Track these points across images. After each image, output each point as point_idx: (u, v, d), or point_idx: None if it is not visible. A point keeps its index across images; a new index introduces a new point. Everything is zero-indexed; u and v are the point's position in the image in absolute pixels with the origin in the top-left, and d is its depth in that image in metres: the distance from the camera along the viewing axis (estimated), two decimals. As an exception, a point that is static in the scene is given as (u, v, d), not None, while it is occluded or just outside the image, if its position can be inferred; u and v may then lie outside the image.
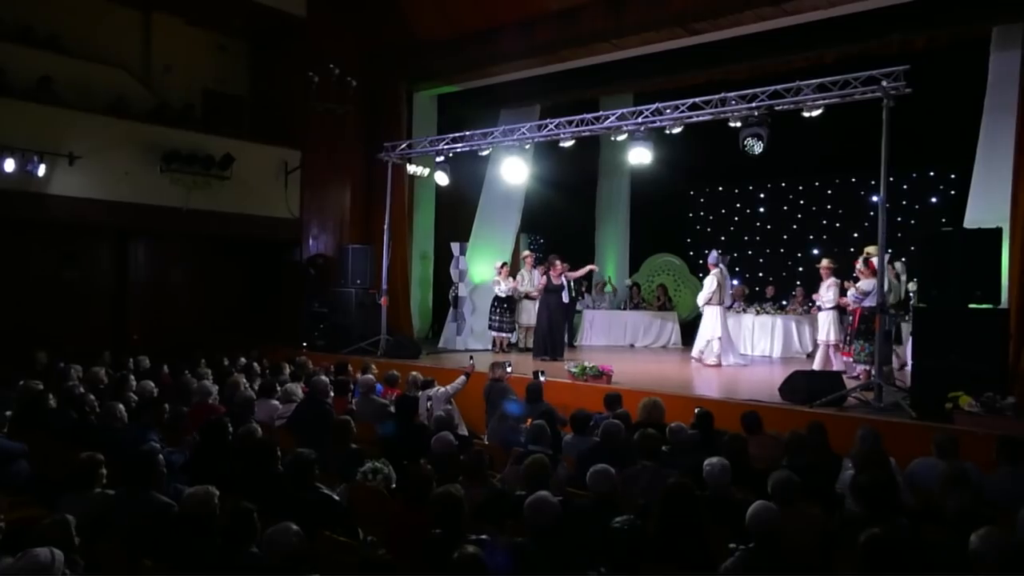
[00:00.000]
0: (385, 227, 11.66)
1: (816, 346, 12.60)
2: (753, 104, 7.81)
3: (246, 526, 3.47)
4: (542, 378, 8.06)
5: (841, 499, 4.91)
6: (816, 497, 4.73)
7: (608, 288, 15.23)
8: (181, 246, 13.10)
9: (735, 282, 14.83)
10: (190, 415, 6.75)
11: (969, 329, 6.48)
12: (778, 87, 7.79)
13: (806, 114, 7.87)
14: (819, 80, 7.53)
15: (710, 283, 11.04)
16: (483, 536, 3.52)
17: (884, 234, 7.40)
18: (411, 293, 13.94)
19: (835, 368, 9.37)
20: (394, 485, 5.35)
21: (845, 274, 14.10)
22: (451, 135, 10.87)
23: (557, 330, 11.25)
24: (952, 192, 13.71)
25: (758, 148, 7.82)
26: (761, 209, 16.03)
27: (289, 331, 12.52)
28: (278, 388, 7.74)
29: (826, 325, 9.85)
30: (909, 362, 8.08)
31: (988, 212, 9.08)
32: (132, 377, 7.69)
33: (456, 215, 14.89)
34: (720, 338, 10.89)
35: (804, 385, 7.28)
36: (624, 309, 14.75)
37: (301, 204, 13.24)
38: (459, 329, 12.87)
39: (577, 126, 9.37)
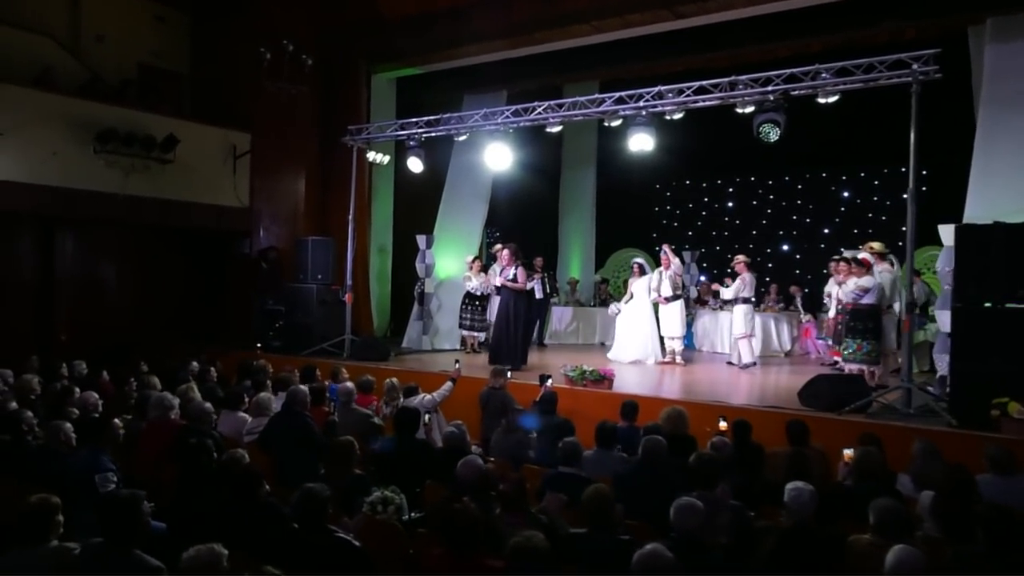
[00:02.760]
0: (350, 217, 10.71)
1: (794, 345, 12.48)
2: (769, 88, 7.24)
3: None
4: (549, 383, 7.35)
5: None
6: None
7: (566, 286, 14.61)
8: (116, 236, 11.82)
9: (703, 278, 14.45)
10: (147, 433, 5.78)
11: (1012, 330, 6.07)
12: (795, 70, 7.25)
13: (822, 100, 7.37)
14: (841, 63, 7.02)
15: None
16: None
17: (914, 228, 6.97)
18: (370, 289, 13.02)
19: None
20: (406, 516, 4.56)
21: (814, 270, 14.00)
22: (425, 118, 10.00)
23: (524, 335, 9.88)
24: (924, 188, 13.57)
25: (774, 135, 7.29)
26: (729, 204, 15.70)
27: (239, 331, 11.42)
28: (246, 399, 6.79)
29: None
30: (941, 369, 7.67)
31: (988, 207, 8.81)
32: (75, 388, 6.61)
33: (416, 206, 14.05)
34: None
35: (827, 390, 6.78)
36: (594, 306, 14.15)
37: (251, 192, 12.14)
38: (425, 328, 12.03)
39: (569, 109, 8.66)
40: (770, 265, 14.92)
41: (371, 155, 11.92)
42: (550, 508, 4.26)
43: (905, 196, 13.73)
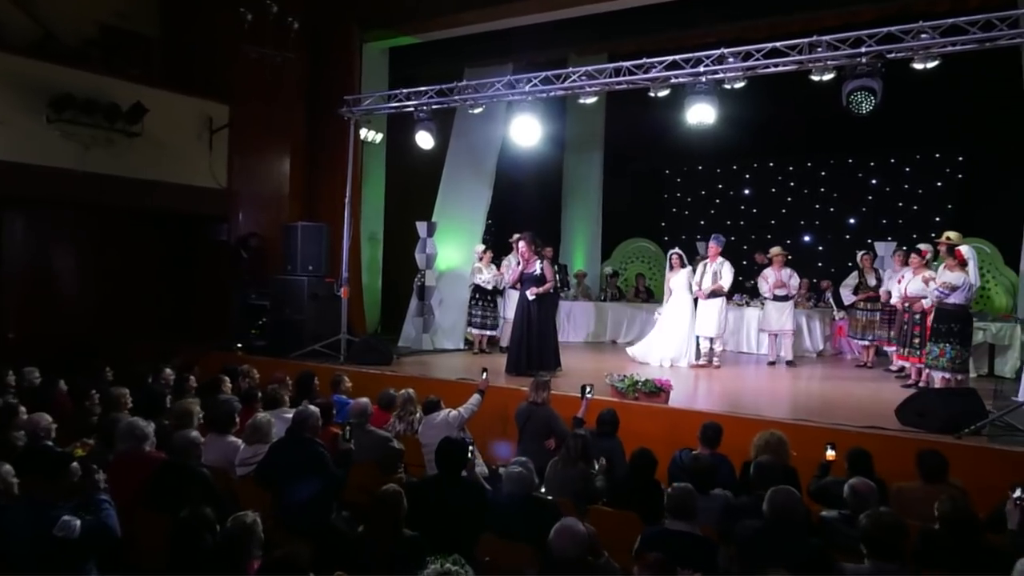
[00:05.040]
0: (347, 200, 9.41)
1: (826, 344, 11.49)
2: (862, 50, 6.12)
3: None
4: (589, 394, 6.20)
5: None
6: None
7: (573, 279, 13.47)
8: (75, 220, 10.36)
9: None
10: (114, 470, 4.49)
11: None
12: (892, 29, 6.13)
13: (918, 65, 6.28)
14: (951, 20, 5.92)
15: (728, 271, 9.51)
16: None
17: None
18: (362, 282, 11.73)
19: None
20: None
21: (839, 263, 13.03)
22: (436, 87, 8.73)
23: (548, 336, 8.56)
24: (960, 176, 12.70)
25: (867, 106, 6.21)
26: (746, 191, 14.63)
27: (216, 329, 10.10)
28: (236, 419, 5.53)
29: None
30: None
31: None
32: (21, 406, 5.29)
33: (409, 190, 12.78)
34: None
35: (938, 407, 5.71)
36: (604, 300, 13.02)
37: (229, 171, 10.84)
38: (426, 325, 10.78)
39: (610, 76, 7.46)
40: (791, 257, 13.84)
41: (363, 132, 10.66)
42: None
43: (939, 184, 13.18)
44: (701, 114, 6.98)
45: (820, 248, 13.78)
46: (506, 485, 4.15)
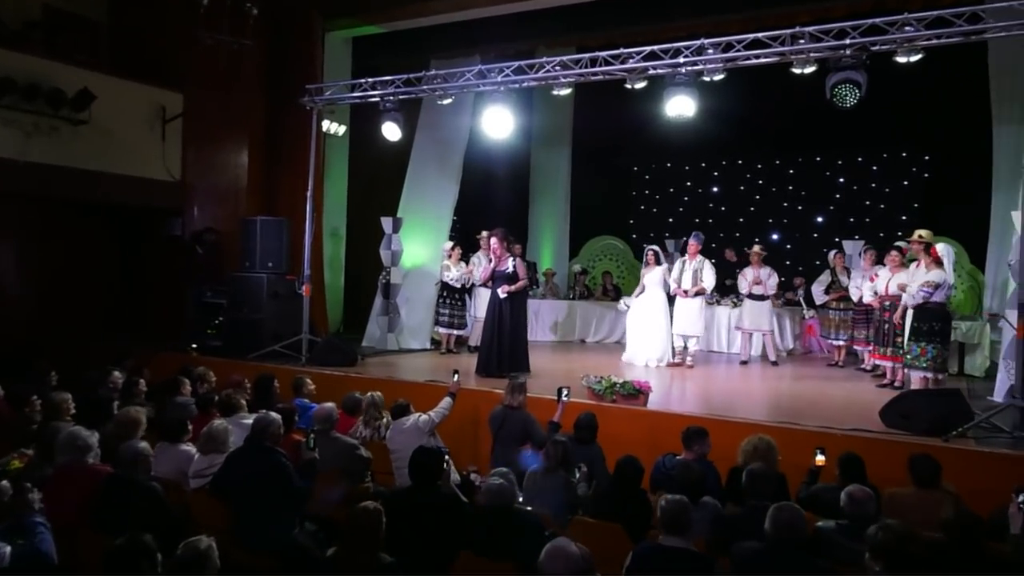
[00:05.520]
0: (308, 193, 8.99)
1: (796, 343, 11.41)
2: (847, 42, 5.96)
3: None
4: (566, 397, 5.93)
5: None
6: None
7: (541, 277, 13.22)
8: (17, 213, 9.73)
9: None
10: (55, 484, 4.09)
11: None
12: (876, 20, 5.98)
13: (901, 59, 6.14)
14: (936, 12, 5.78)
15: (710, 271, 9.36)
16: None
17: None
18: (325, 279, 11.32)
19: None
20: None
21: (807, 262, 12.98)
22: (404, 76, 8.38)
23: (521, 337, 8.26)
24: (926, 175, 12.75)
25: (851, 99, 6.04)
26: (715, 189, 14.54)
27: (169, 329, 9.61)
28: (188, 426, 5.15)
29: None
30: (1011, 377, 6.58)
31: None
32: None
33: (372, 185, 12.40)
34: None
35: (924, 409, 5.56)
36: (573, 299, 12.79)
37: (183, 163, 10.32)
38: (391, 324, 10.42)
39: (585, 67, 7.20)
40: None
41: (326, 124, 10.26)
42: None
43: (905, 183, 13.21)
44: (681, 107, 6.76)
45: (788, 246, 13.74)
46: (485, 497, 3.85)
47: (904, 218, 12.76)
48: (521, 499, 4.60)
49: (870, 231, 12.48)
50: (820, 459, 4.82)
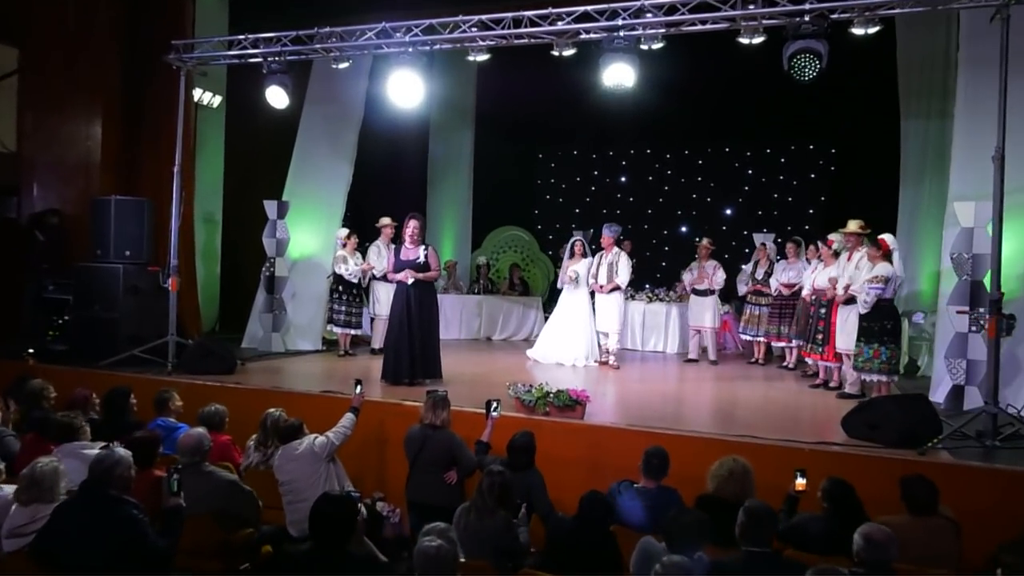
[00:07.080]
0: (175, 169, 7.59)
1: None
2: (806, 7, 5.31)
3: None
4: (495, 412, 4.99)
5: None
6: None
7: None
8: None
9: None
10: None
11: None
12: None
13: (859, 31, 5.58)
14: (904, -23, 5.23)
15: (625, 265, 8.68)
16: None
17: (1000, 198, 5.28)
18: (196, 271, 9.90)
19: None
20: None
21: (716, 254, 12.59)
22: (293, 32, 7.18)
23: (433, 338, 7.16)
24: (832, 168, 12.63)
25: (811, 71, 5.40)
26: (622, 179, 13.98)
27: (2, 329, 7.99)
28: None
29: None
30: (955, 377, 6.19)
31: (976, 185, 7.55)
32: None
33: (251, 164, 11.08)
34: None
35: (896, 418, 4.97)
36: (477, 293, 11.87)
37: (20, 132, 8.70)
38: (276, 323, 9.16)
39: (507, 28, 6.27)
40: (667, 248, 13.38)
41: (198, 94, 8.88)
42: None
43: (812, 176, 13.07)
44: (620, 75, 5.94)
45: (697, 239, 13.32)
46: (420, 564, 2.85)
47: (811, 211, 12.64)
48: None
49: (778, 223, 12.26)
50: (801, 483, 4.13)
